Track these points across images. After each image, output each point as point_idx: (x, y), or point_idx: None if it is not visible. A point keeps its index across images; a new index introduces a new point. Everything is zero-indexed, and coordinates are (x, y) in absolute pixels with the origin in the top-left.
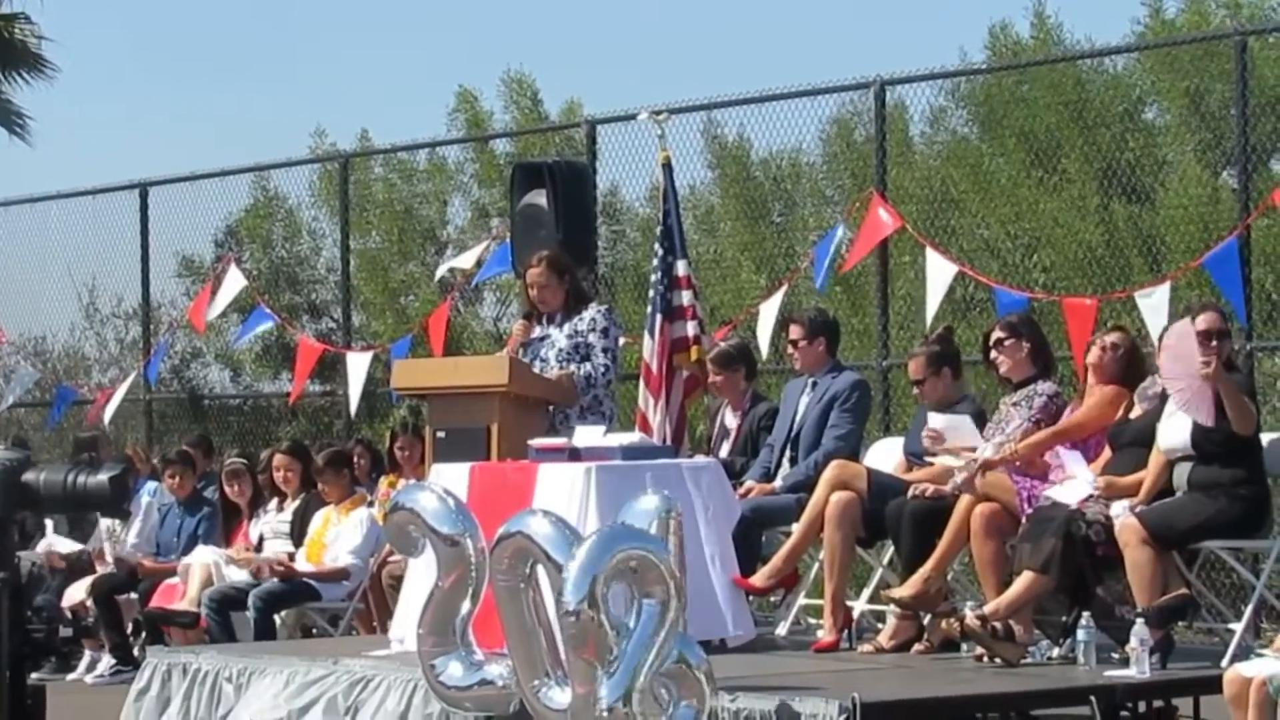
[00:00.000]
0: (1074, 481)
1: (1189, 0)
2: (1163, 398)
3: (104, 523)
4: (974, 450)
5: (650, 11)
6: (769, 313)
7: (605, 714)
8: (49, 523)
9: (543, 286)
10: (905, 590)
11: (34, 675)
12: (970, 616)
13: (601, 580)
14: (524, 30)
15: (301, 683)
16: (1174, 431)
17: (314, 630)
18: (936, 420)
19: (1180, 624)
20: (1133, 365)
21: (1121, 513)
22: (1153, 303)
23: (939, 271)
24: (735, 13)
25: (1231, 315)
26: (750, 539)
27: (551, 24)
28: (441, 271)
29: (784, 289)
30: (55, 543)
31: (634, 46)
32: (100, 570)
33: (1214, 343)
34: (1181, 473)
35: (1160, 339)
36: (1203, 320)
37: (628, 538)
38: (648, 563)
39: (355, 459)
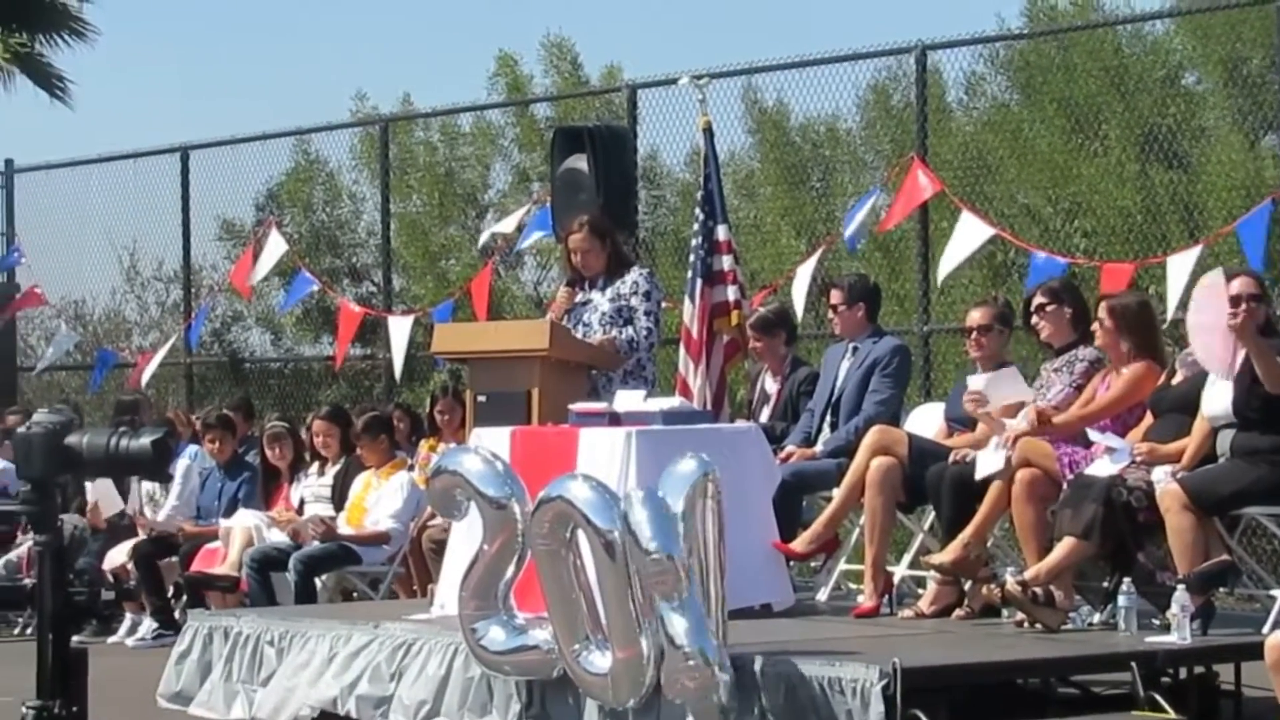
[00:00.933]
0: (1113, 453)
1: None
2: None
3: (145, 486)
4: (1020, 404)
5: None
6: (804, 275)
7: (690, 662)
8: (89, 485)
9: (585, 251)
10: (945, 556)
11: (75, 638)
12: (1011, 582)
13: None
14: None
15: (346, 655)
16: (1217, 398)
17: (354, 594)
18: (976, 381)
19: (1221, 590)
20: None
21: (1163, 479)
22: (1182, 267)
23: (970, 232)
24: None
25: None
26: (791, 504)
27: None
28: (484, 238)
29: (819, 252)
30: (102, 499)
31: (672, 11)
32: (143, 531)
33: (1243, 305)
34: (1224, 439)
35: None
36: (1236, 284)
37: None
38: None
39: (395, 423)
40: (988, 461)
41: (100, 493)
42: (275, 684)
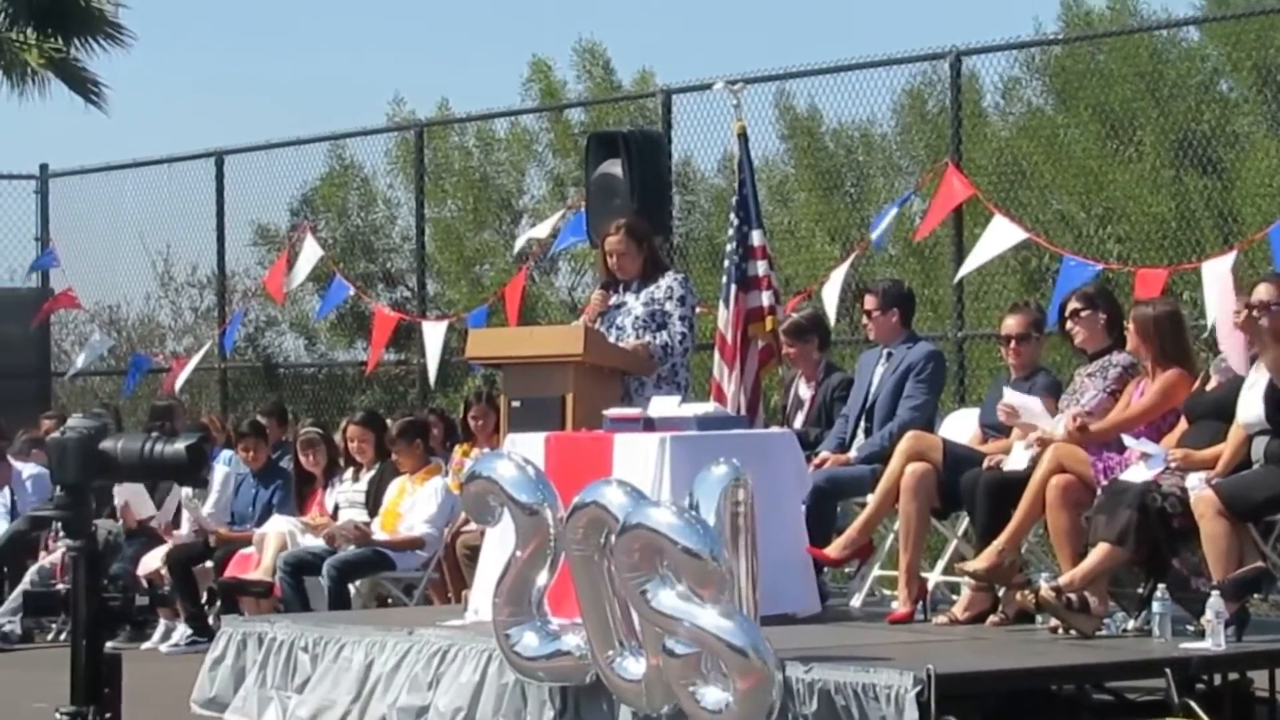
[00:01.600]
0: (1148, 459)
1: None
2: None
3: (184, 493)
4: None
5: None
6: (837, 280)
7: (740, 658)
8: (116, 487)
9: (621, 254)
10: (979, 562)
11: (109, 644)
12: (1045, 588)
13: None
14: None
15: (385, 670)
16: (1250, 405)
17: (389, 600)
18: (1011, 395)
19: (1255, 596)
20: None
21: (1197, 485)
22: (1217, 272)
23: (999, 235)
24: None
25: None
26: (825, 510)
27: None
28: (520, 244)
29: (853, 256)
30: (133, 500)
31: (704, 16)
32: (170, 541)
33: (1253, 311)
34: (1258, 446)
35: None
36: (1261, 289)
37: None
38: None
39: (429, 428)
40: (1014, 459)
41: (130, 494)
42: (312, 692)
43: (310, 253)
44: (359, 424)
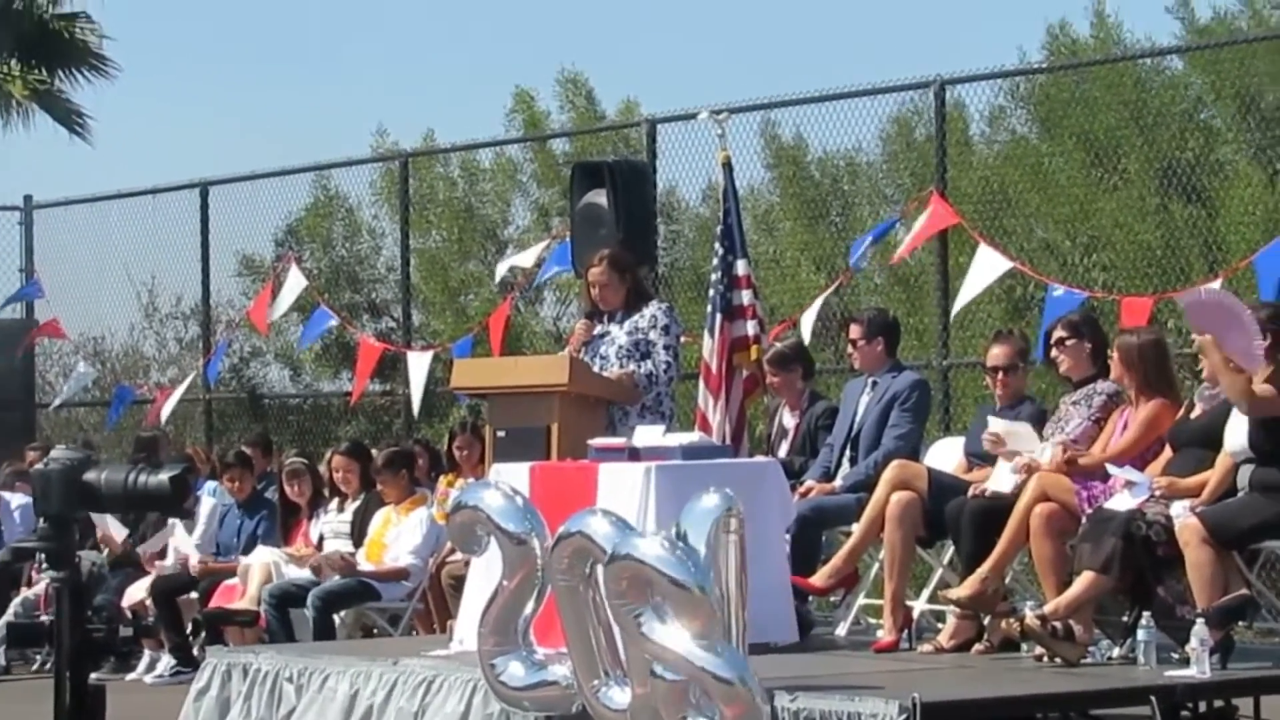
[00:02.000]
0: (1132, 487)
1: (1238, 1)
2: (1225, 400)
3: (178, 529)
4: (1028, 455)
5: (700, 11)
6: (818, 303)
7: (726, 687)
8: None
9: (604, 285)
10: (963, 590)
11: (93, 675)
12: (1030, 616)
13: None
14: (578, 29)
15: (374, 703)
16: (1236, 433)
17: (374, 630)
18: (997, 424)
19: (1240, 624)
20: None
21: (1181, 513)
22: None
23: (986, 265)
24: (789, 12)
25: None
26: (810, 539)
27: (604, 24)
28: (502, 271)
29: (835, 285)
30: (113, 527)
31: (687, 45)
32: (154, 572)
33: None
34: (1244, 474)
35: None
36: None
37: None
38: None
39: (415, 459)
40: (999, 480)
41: (109, 523)
42: None
43: (295, 283)
44: (344, 454)
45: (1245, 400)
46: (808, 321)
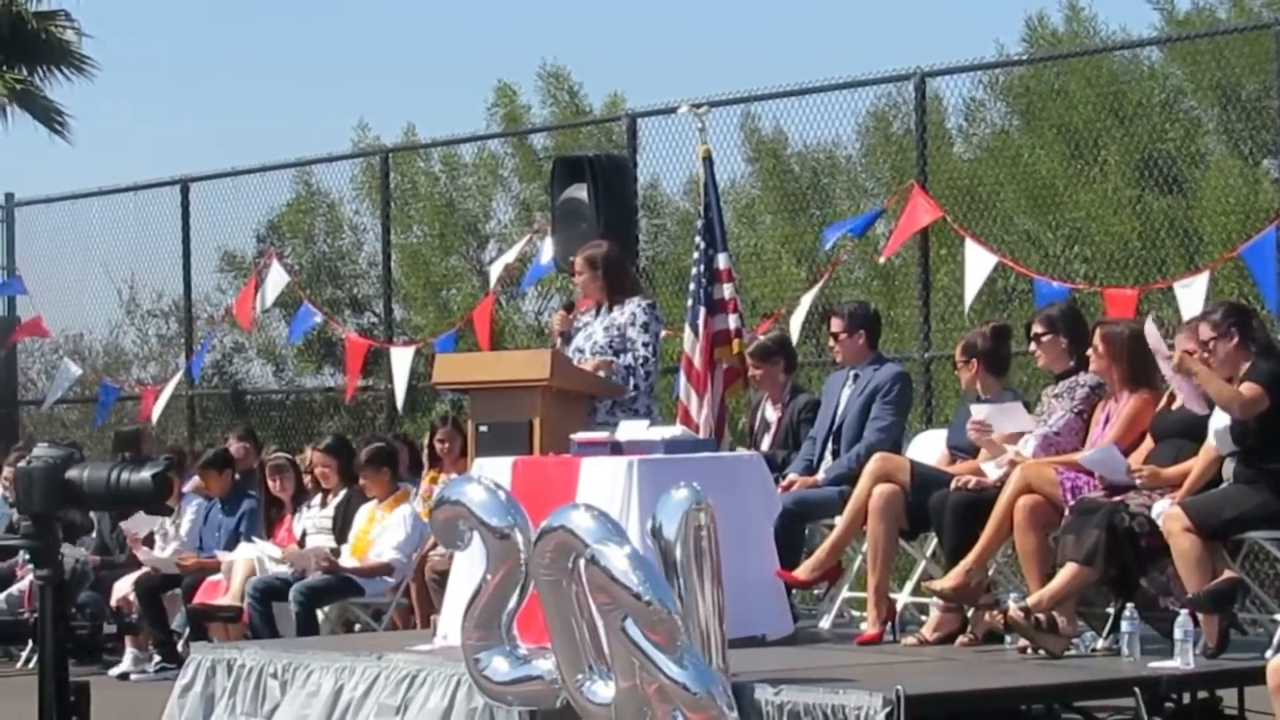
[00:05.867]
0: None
1: None
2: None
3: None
4: (1022, 436)
5: (681, 6)
6: (806, 302)
7: (690, 696)
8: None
9: (581, 280)
10: (947, 582)
11: (77, 672)
12: (1014, 609)
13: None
14: (559, 24)
15: (355, 696)
16: (1219, 425)
17: (357, 625)
18: (980, 410)
19: (1234, 609)
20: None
21: (1162, 511)
22: (1191, 293)
23: (978, 262)
24: (768, 6)
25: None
26: (793, 532)
27: (587, 18)
28: (497, 272)
29: (822, 281)
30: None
31: (668, 39)
32: (142, 557)
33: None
34: (1228, 466)
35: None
36: (1204, 329)
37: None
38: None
39: (397, 455)
40: (989, 467)
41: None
42: (281, 718)
43: (277, 279)
44: (323, 451)
45: (1236, 404)
46: (796, 323)
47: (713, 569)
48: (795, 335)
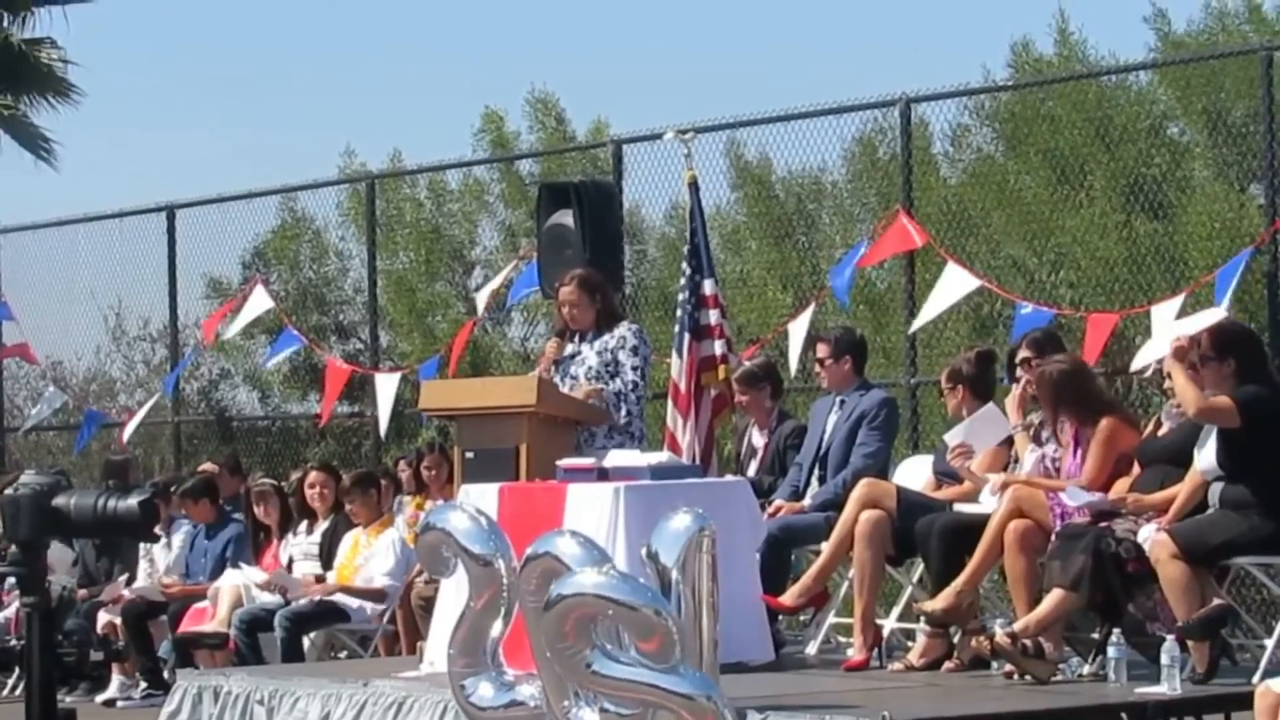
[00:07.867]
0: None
1: (1208, 17)
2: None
3: (144, 550)
4: (1005, 437)
5: (668, 33)
6: (798, 331)
7: (689, 702)
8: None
9: (574, 305)
10: (937, 603)
11: (64, 699)
12: (1000, 634)
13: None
14: (546, 50)
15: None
16: (1206, 451)
17: (343, 652)
18: (954, 435)
19: (1224, 633)
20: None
21: (1148, 536)
22: (1166, 316)
23: (954, 284)
24: (754, 33)
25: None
26: (780, 558)
27: (573, 44)
28: (483, 299)
29: (811, 308)
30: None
31: (655, 66)
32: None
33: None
34: (1214, 492)
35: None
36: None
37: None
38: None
39: (380, 480)
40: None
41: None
42: None
43: (259, 303)
44: (320, 469)
45: (1195, 405)
46: (794, 351)
47: (711, 597)
48: (794, 366)
